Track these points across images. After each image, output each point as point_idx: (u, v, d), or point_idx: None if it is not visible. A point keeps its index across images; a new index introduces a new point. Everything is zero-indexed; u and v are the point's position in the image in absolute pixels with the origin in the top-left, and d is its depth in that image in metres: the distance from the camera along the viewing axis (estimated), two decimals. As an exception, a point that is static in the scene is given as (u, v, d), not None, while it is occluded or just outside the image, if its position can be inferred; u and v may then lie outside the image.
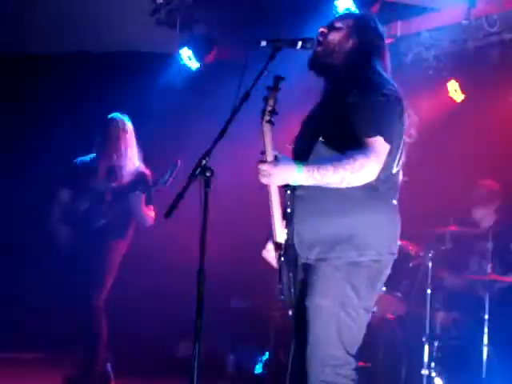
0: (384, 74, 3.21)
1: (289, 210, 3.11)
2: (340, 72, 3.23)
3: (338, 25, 3.29)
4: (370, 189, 3.04)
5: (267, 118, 2.99)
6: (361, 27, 3.28)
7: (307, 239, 3.10)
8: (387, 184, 3.11)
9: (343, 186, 2.96)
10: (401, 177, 3.26)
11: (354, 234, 3.05)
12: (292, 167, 2.93)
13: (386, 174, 3.08)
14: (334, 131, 3.07)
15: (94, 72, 7.52)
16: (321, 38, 3.28)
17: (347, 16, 3.37)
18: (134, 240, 5.57)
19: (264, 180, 2.98)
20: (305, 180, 2.94)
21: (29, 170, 7.39)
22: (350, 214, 3.06)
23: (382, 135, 2.98)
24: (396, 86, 3.17)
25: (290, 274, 3.10)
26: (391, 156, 3.07)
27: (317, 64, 3.29)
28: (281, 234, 3.10)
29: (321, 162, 2.96)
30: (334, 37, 3.27)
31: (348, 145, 2.99)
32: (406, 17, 6.53)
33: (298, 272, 3.15)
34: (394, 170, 3.14)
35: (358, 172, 2.93)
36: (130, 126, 5.60)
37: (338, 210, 3.06)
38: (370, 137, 2.98)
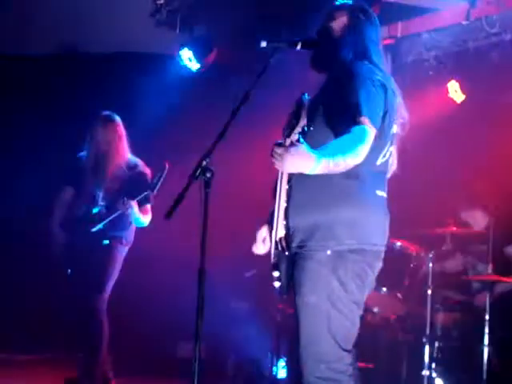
0: (377, 63, 3.23)
1: (285, 205, 3.12)
2: (337, 65, 3.24)
3: (333, 25, 3.31)
4: (354, 179, 3.04)
5: (295, 136, 2.87)
6: (354, 23, 3.30)
7: (292, 228, 3.12)
8: (372, 175, 3.11)
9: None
10: (390, 168, 3.26)
11: (333, 224, 3.05)
12: (310, 157, 2.83)
13: (370, 164, 3.08)
14: (326, 119, 3.08)
15: (94, 72, 7.53)
16: (319, 40, 3.30)
17: (340, 13, 3.35)
18: (134, 240, 5.57)
19: (276, 164, 2.89)
20: (319, 171, 2.87)
21: (29, 170, 7.39)
22: (332, 203, 3.07)
23: (368, 116, 2.96)
24: (387, 75, 3.19)
25: (288, 269, 3.13)
26: (377, 147, 3.07)
27: (317, 63, 3.32)
28: (282, 230, 3.12)
29: (330, 150, 2.89)
30: (332, 35, 3.29)
31: (339, 126, 2.99)
32: (406, 17, 6.54)
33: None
34: (379, 162, 3.14)
35: (357, 158, 2.91)
36: (118, 123, 5.56)
37: (321, 199, 3.07)
38: (359, 117, 2.96)
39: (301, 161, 2.84)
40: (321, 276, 3.05)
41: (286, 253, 3.11)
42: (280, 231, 3.12)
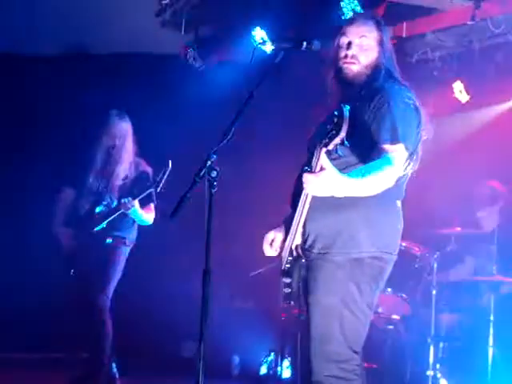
0: (402, 82, 3.26)
1: (306, 213, 3.13)
2: (364, 79, 3.25)
3: (367, 42, 3.27)
4: None
5: (332, 146, 2.88)
6: (384, 39, 3.31)
7: (312, 234, 3.14)
8: (393, 186, 3.11)
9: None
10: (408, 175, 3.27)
11: (355, 231, 3.09)
12: (339, 178, 2.89)
13: None
14: (353, 134, 3.06)
15: (98, 73, 7.53)
16: (354, 61, 3.25)
17: (369, 27, 3.31)
18: (138, 240, 5.57)
19: (309, 190, 2.97)
20: (349, 191, 2.94)
21: (29, 170, 7.39)
22: (352, 211, 3.09)
23: (403, 142, 3.02)
24: (413, 94, 3.20)
25: (302, 272, 3.16)
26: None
27: (347, 79, 3.28)
28: (299, 237, 3.16)
29: (359, 173, 2.95)
30: (367, 56, 3.27)
31: (369, 149, 3.03)
32: (411, 18, 6.53)
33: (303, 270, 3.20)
34: (401, 175, 3.15)
35: (385, 182, 2.98)
36: (128, 121, 5.56)
37: (341, 207, 3.08)
38: (393, 144, 3.01)
39: (332, 184, 2.89)
40: (337, 278, 3.08)
41: (303, 260, 3.14)
42: (297, 239, 3.15)
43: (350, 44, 3.28)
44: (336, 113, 2.86)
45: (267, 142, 7.08)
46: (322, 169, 2.90)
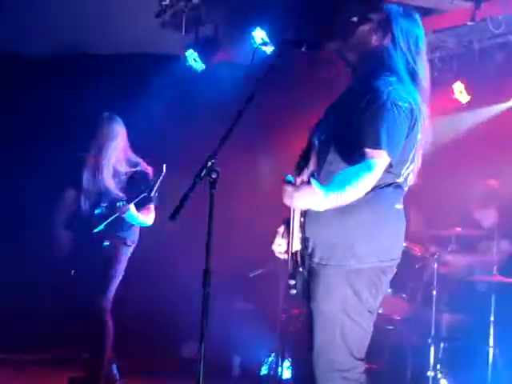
0: (406, 79, 3.10)
1: (302, 219, 3.08)
2: (360, 70, 3.19)
3: (370, 16, 3.19)
4: (372, 194, 2.99)
5: (305, 177, 2.88)
6: (389, 24, 3.17)
7: (311, 241, 3.10)
8: (390, 190, 3.09)
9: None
10: (409, 183, 3.19)
11: (354, 240, 3.03)
12: (318, 193, 2.82)
13: (390, 181, 3.07)
14: (344, 135, 3.03)
15: (98, 73, 7.53)
16: (352, 39, 3.21)
17: (384, 8, 3.20)
18: (139, 240, 5.57)
19: (287, 201, 2.89)
20: (328, 206, 2.87)
21: (29, 171, 7.40)
22: (350, 218, 3.02)
23: (386, 149, 2.91)
24: (414, 93, 3.08)
25: (304, 275, 3.11)
26: (397, 167, 3.04)
27: (342, 55, 3.25)
28: (297, 243, 3.09)
29: (338, 184, 2.87)
30: (361, 28, 3.19)
31: (354, 153, 2.95)
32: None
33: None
34: (399, 180, 3.11)
35: (363, 189, 2.90)
36: (118, 122, 5.55)
37: (339, 215, 3.01)
38: (376, 149, 2.91)
39: (310, 199, 2.84)
40: (335, 285, 3.04)
41: (301, 269, 3.06)
42: (295, 245, 3.09)
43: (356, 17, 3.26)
44: (307, 143, 2.89)
45: (269, 142, 7.08)
46: (302, 182, 2.85)
